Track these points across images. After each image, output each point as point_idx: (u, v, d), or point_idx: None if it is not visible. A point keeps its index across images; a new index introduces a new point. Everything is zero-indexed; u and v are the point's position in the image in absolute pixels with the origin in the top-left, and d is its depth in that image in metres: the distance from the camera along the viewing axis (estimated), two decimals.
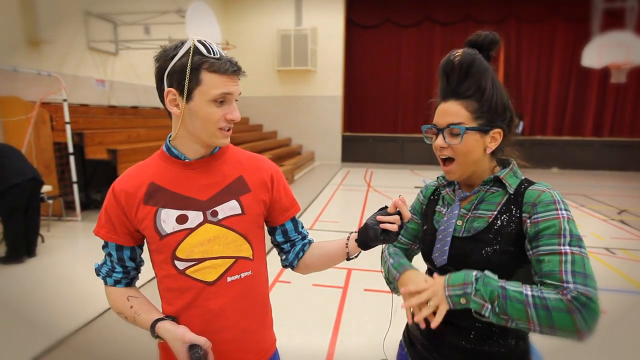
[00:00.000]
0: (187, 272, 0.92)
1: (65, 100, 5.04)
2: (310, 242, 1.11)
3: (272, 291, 3.17)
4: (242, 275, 0.96)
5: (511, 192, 0.90)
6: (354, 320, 2.72)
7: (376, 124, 11.50)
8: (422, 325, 0.82)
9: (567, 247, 0.78)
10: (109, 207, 0.95)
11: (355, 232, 0.99)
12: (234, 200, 0.96)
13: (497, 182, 0.92)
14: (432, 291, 0.82)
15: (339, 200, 6.74)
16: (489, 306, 0.77)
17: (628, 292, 3.20)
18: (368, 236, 0.93)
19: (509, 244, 0.86)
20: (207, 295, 0.93)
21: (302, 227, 1.11)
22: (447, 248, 0.93)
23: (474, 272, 0.81)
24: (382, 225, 0.91)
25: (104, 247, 1.00)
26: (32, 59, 5.46)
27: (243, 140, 8.76)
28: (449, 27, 11.01)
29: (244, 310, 0.97)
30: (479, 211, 0.92)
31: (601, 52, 7.67)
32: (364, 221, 0.99)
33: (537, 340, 2.39)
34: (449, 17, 10.87)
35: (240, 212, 0.96)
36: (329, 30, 10.71)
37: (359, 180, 8.53)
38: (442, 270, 0.93)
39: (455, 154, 0.89)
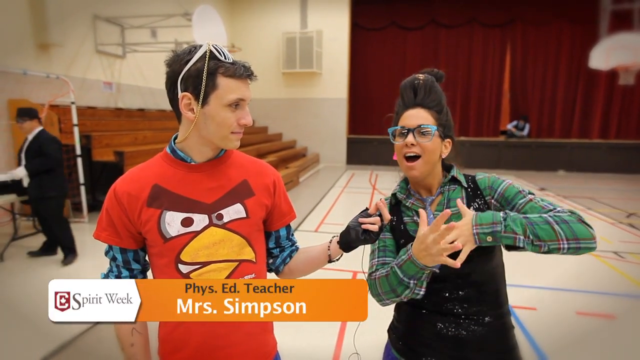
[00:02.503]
0: (191, 275, 0.91)
1: (73, 102, 5.09)
2: (297, 248, 1.12)
3: None
4: (246, 278, 0.96)
5: (465, 185, 1.05)
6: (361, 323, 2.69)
7: (381, 127, 11.41)
8: (457, 265, 0.84)
9: (530, 195, 0.99)
10: (111, 209, 0.93)
11: (338, 235, 1.01)
12: (238, 204, 0.96)
13: (452, 180, 1.07)
14: (459, 231, 0.87)
15: (344, 202, 6.72)
16: (522, 237, 0.86)
17: (638, 296, 3.14)
18: (350, 237, 0.95)
19: None
20: None
21: (293, 235, 1.13)
22: None
23: (500, 213, 0.89)
24: (363, 226, 0.94)
25: (106, 252, 0.97)
26: (42, 62, 5.51)
27: (248, 143, 8.77)
28: (454, 30, 10.98)
29: None
30: (451, 209, 1.00)
31: (609, 54, 7.60)
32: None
33: (542, 341, 2.37)
34: (454, 20, 10.84)
35: (245, 216, 0.96)
36: (334, 32, 10.72)
37: (364, 182, 8.52)
38: (435, 273, 0.97)
39: (423, 151, 1.01)
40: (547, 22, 10.44)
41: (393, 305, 1.15)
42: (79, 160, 5.17)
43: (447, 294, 1.00)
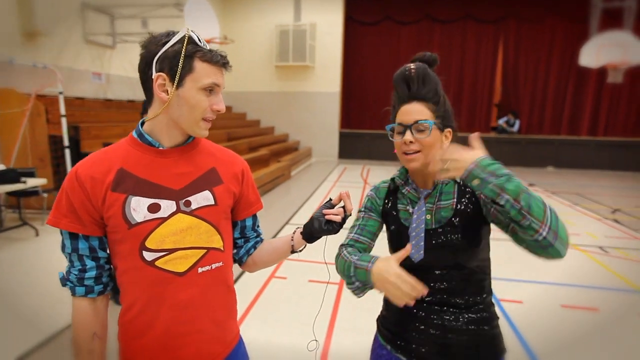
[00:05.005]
0: (157, 263, 0.90)
1: (61, 93, 4.99)
2: (262, 240, 1.13)
3: (267, 287, 3.17)
4: (214, 266, 0.96)
5: (459, 180, 1.03)
6: (349, 316, 2.72)
7: (373, 121, 11.49)
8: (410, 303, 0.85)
9: None
10: (72, 194, 0.87)
11: (301, 226, 1.03)
12: (207, 191, 0.95)
13: None
14: (456, 163, 0.85)
15: (335, 196, 6.72)
16: (508, 197, 0.81)
17: (621, 290, 3.23)
18: (313, 227, 0.99)
19: (473, 222, 1.00)
20: (177, 287, 0.91)
21: (259, 226, 1.12)
22: (422, 243, 1.00)
23: (505, 170, 0.83)
24: (327, 217, 0.98)
25: (63, 247, 0.91)
26: (29, 51, 5.40)
27: (240, 135, 8.71)
28: (448, 26, 10.99)
29: (213, 302, 0.97)
30: (442, 202, 1.02)
31: (599, 51, 7.69)
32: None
33: (527, 332, 2.43)
34: (449, 15, 10.84)
35: (213, 203, 0.96)
36: (327, 26, 10.65)
37: (355, 177, 8.54)
38: (420, 264, 1.00)
39: (423, 146, 0.98)
40: (540, 19, 10.49)
41: (382, 295, 1.17)
42: (67, 152, 5.09)
43: (432, 284, 1.01)
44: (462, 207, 1.01)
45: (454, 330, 1.00)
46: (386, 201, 1.10)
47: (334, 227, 0.98)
